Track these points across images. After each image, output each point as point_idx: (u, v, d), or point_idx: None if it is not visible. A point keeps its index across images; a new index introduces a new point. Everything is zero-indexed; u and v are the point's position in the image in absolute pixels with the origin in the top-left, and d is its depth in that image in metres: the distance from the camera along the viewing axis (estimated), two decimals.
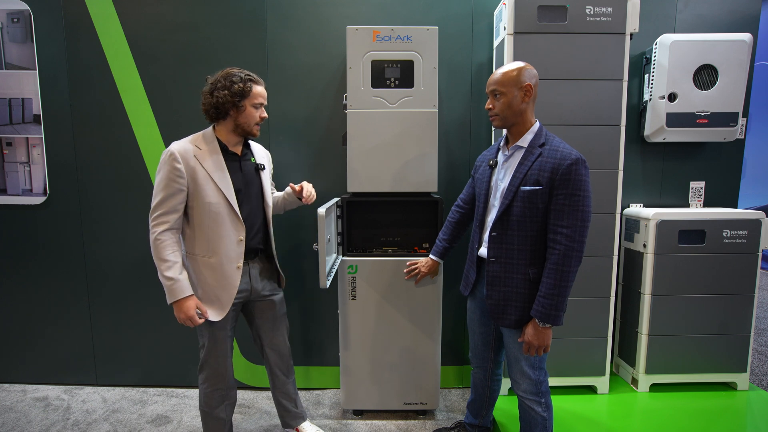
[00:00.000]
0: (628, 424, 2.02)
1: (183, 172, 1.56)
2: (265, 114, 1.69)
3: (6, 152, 2.40)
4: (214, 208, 1.60)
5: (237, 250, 1.66)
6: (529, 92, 1.48)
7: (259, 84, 1.65)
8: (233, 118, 1.63)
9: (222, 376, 1.75)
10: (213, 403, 1.76)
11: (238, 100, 1.60)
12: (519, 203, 1.48)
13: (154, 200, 1.57)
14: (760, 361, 2.92)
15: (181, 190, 1.57)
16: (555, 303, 1.42)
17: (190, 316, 1.58)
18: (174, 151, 1.57)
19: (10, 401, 2.39)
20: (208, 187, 1.59)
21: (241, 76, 1.61)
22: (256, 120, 1.66)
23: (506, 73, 1.49)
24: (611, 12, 2.01)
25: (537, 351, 1.49)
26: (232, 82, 1.59)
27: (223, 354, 1.73)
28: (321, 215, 1.66)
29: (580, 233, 1.41)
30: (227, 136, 1.67)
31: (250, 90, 1.61)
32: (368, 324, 2.13)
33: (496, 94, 1.51)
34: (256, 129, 1.68)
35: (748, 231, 2.18)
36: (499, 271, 1.55)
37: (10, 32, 2.32)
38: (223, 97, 1.58)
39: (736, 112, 2.24)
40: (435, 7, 2.31)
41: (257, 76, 1.67)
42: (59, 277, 2.47)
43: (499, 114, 1.52)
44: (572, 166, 1.40)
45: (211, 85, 1.62)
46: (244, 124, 1.65)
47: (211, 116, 1.64)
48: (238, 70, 1.63)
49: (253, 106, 1.63)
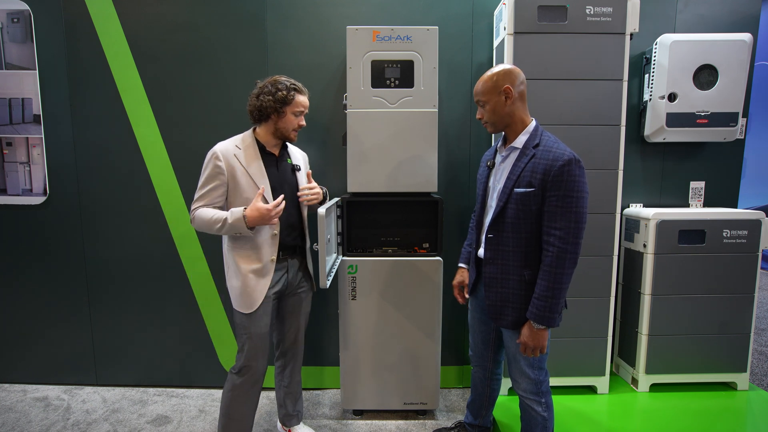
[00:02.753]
0: (628, 424, 2.03)
1: (223, 169, 1.67)
2: (303, 122, 1.78)
3: (6, 152, 2.40)
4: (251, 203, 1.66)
5: (271, 244, 1.73)
6: (509, 94, 1.48)
7: (302, 94, 1.75)
8: (274, 122, 1.73)
9: (258, 382, 1.79)
10: (243, 409, 1.77)
11: (280, 106, 1.69)
12: (513, 205, 1.48)
13: (197, 194, 1.69)
14: (760, 361, 2.92)
15: (221, 185, 1.68)
16: (549, 305, 1.42)
17: (265, 211, 1.60)
18: (217, 150, 1.69)
19: (10, 401, 2.39)
20: (245, 183, 1.69)
21: (287, 84, 1.71)
22: (294, 126, 1.75)
23: (484, 82, 1.51)
24: (611, 12, 2.01)
25: (533, 352, 1.49)
26: (277, 89, 1.69)
27: (262, 353, 1.76)
28: (321, 215, 1.66)
29: (574, 235, 1.40)
30: (266, 138, 1.77)
31: (293, 98, 1.71)
32: (368, 324, 2.13)
33: (481, 103, 1.54)
34: (293, 134, 1.77)
35: (748, 231, 2.18)
36: (495, 272, 1.55)
37: (10, 32, 2.32)
38: (267, 102, 1.68)
39: (736, 112, 2.24)
40: (435, 7, 2.31)
41: (302, 86, 1.77)
42: (59, 277, 2.47)
43: (488, 121, 1.55)
44: (564, 167, 1.39)
45: (259, 89, 1.72)
46: (283, 129, 1.74)
47: (254, 118, 1.74)
48: (285, 78, 1.74)
49: (293, 114, 1.73)
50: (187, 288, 2.45)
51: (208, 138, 2.33)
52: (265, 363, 1.80)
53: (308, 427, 2.06)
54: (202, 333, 2.48)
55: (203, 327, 2.48)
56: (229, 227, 1.62)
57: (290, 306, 1.90)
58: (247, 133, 1.78)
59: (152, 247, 2.43)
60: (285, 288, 1.82)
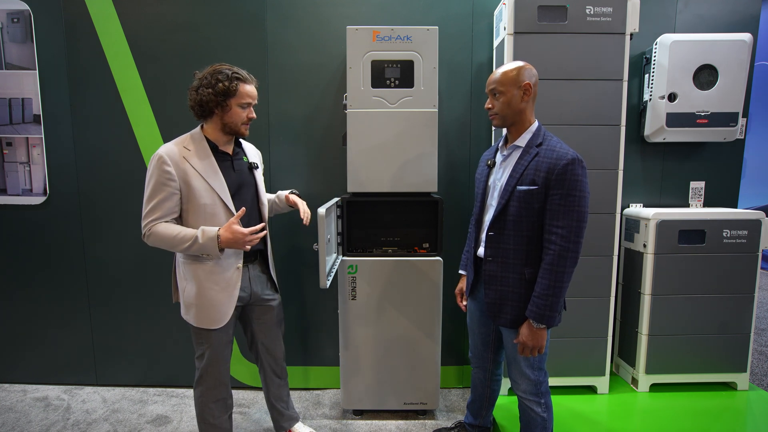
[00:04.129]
0: (628, 424, 2.02)
1: (174, 175, 1.51)
2: (253, 114, 1.62)
3: (6, 152, 2.40)
4: (209, 209, 1.56)
5: (236, 252, 1.61)
6: (528, 91, 1.48)
7: (247, 83, 1.57)
8: (219, 116, 1.57)
9: (224, 385, 1.71)
10: (216, 413, 1.70)
11: (223, 99, 1.53)
12: (515, 203, 1.48)
13: (147, 206, 1.51)
14: (760, 361, 2.92)
15: (174, 193, 1.52)
16: (549, 303, 1.42)
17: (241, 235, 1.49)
18: (162, 154, 1.51)
19: (10, 401, 2.39)
20: (201, 188, 1.54)
21: (228, 73, 1.53)
22: (243, 120, 1.59)
23: (505, 73, 1.49)
24: (611, 12, 2.00)
25: (531, 352, 1.49)
26: (217, 80, 1.52)
27: (225, 361, 1.69)
28: (321, 215, 1.65)
29: (576, 234, 1.40)
30: (216, 135, 1.61)
31: (236, 89, 1.53)
32: (368, 324, 2.13)
33: (496, 93, 1.51)
34: (243, 128, 1.62)
35: (748, 231, 2.18)
36: (495, 270, 1.55)
37: (10, 32, 2.32)
38: (207, 96, 1.52)
39: (736, 112, 2.24)
40: (435, 7, 2.31)
41: (247, 74, 1.59)
42: (59, 277, 2.47)
43: (498, 113, 1.52)
44: (568, 166, 1.39)
45: (198, 81, 1.55)
46: (231, 124, 1.58)
47: (197, 114, 1.58)
48: (227, 67, 1.56)
49: (239, 106, 1.56)
50: None
51: None
52: (228, 366, 1.72)
53: (307, 426, 2.05)
54: None
55: None
56: (199, 247, 1.48)
57: (262, 318, 1.79)
58: (195, 132, 1.61)
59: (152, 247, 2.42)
60: (249, 297, 1.72)
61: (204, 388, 1.69)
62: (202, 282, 1.58)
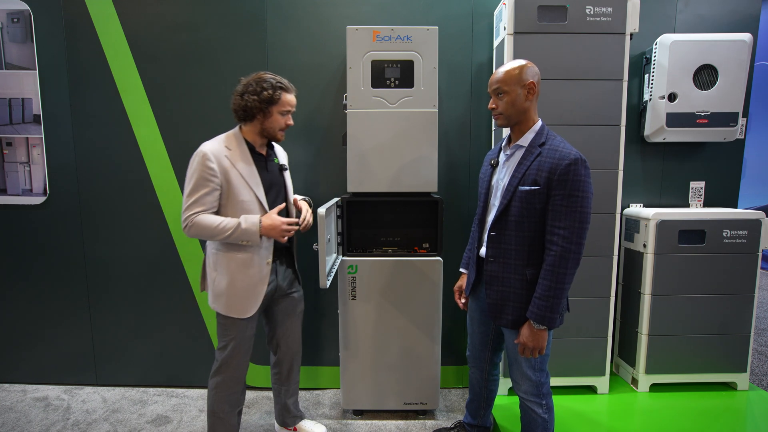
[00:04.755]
0: (628, 424, 2.03)
1: (217, 171, 1.59)
2: (291, 121, 1.72)
3: (6, 152, 2.40)
4: (246, 206, 1.64)
5: (267, 246, 1.70)
6: (532, 90, 1.47)
7: (289, 92, 1.68)
8: (260, 121, 1.67)
9: (240, 379, 1.77)
10: (227, 407, 1.75)
11: (266, 106, 1.63)
12: (517, 203, 1.47)
13: (189, 200, 1.58)
14: (760, 361, 2.92)
15: (216, 189, 1.60)
16: (550, 305, 1.41)
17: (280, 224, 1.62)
18: (206, 151, 1.59)
19: (10, 401, 2.39)
20: (240, 185, 1.63)
21: (272, 82, 1.64)
22: (281, 126, 1.70)
23: (509, 72, 1.47)
24: (611, 12, 2.01)
25: (532, 353, 1.48)
26: (262, 88, 1.62)
27: (246, 354, 1.75)
28: (321, 215, 1.66)
29: (578, 235, 1.39)
30: (253, 137, 1.71)
31: (279, 98, 1.64)
32: (368, 324, 2.13)
33: (500, 92, 1.49)
34: (280, 134, 1.72)
35: (748, 231, 2.18)
36: (497, 270, 1.55)
37: (10, 32, 2.32)
38: (252, 102, 1.62)
39: (736, 112, 2.24)
40: (435, 7, 2.31)
41: (289, 83, 1.69)
42: (59, 277, 2.47)
43: (503, 113, 1.51)
44: (570, 166, 1.38)
45: (243, 87, 1.65)
46: (270, 129, 1.69)
47: (239, 117, 1.68)
48: (271, 75, 1.66)
49: (279, 113, 1.67)
50: (187, 288, 2.45)
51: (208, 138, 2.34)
52: (247, 362, 1.78)
53: (311, 421, 2.07)
54: (202, 333, 2.48)
55: (203, 327, 2.48)
56: (240, 233, 1.58)
57: (284, 309, 1.87)
58: (235, 133, 1.71)
59: (152, 247, 2.43)
60: (275, 290, 1.80)
61: (220, 380, 1.73)
62: (234, 274, 1.66)
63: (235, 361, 1.72)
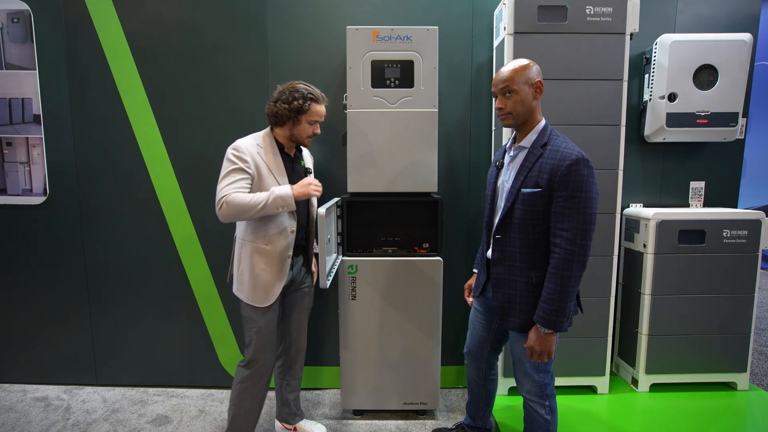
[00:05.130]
0: (628, 424, 2.02)
1: (250, 163, 1.69)
2: (318, 130, 1.80)
3: (6, 152, 2.40)
4: None
5: (289, 240, 1.78)
6: (539, 89, 1.46)
7: (319, 103, 1.76)
8: (289, 128, 1.76)
9: (268, 370, 1.83)
10: (250, 401, 1.81)
11: (296, 114, 1.72)
12: (520, 206, 1.45)
13: (222, 184, 1.65)
14: (760, 361, 2.92)
15: (247, 177, 1.68)
16: (556, 308, 1.38)
17: (309, 183, 1.72)
18: (240, 146, 1.70)
19: (10, 401, 2.39)
20: (269, 180, 1.72)
21: (303, 92, 1.71)
22: (309, 134, 1.78)
23: (516, 70, 1.45)
24: (611, 12, 2.01)
25: (540, 357, 1.45)
26: (294, 98, 1.70)
27: (271, 347, 1.81)
28: (321, 215, 1.66)
29: (582, 236, 1.36)
30: (283, 140, 1.81)
31: (309, 108, 1.72)
32: (368, 324, 2.13)
33: (508, 91, 1.46)
34: (307, 141, 1.81)
35: (748, 231, 2.18)
36: (503, 273, 1.54)
37: (10, 32, 2.32)
38: (283, 110, 1.71)
39: (736, 112, 2.24)
40: (435, 7, 2.31)
41: (320, 94, 1.77)
42: (59, 277, 2.47)
43: (511, 112, 1.47)
44: (572, 167, 1.36)
45: (278, 94, 1.75)
46: (298, 136, 1.78)
47: (271, 121, 1.78)
48: (304, 85, 1.74)
49: (308, 123, 1.75)
50: (187, 288, 2.45)
51: (208, 138, 2.36)
52: (274, 357, 1.85)
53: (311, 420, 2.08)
54: (202, 333, 2.48)
55: (203, 327, 2.48)
56: (275, 199, 1.64)
57: (293, 302, 1.94)
58: (266, 133, 1.80)
59: (152, 247, 2.43)
60: (290, 283, 1.86)
61: (246, 374, 1.79)
62: (257, 263, 1.74)
63: (261, 355, 1.78)
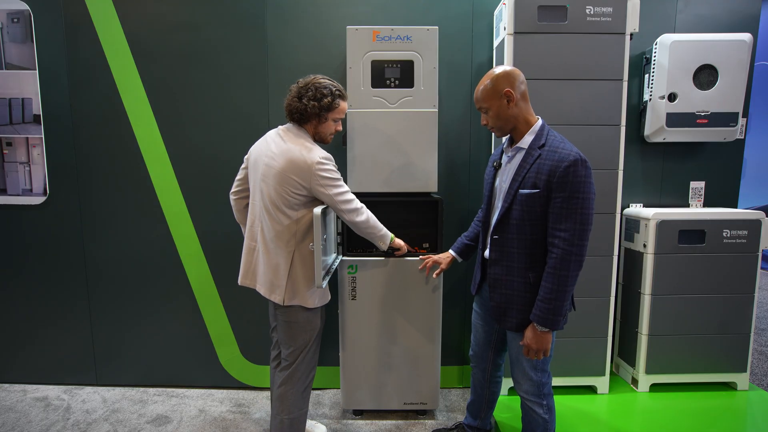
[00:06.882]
0: (628, 424, 2.02)
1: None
2: (340, 127, 1.79)
3: (6, 152, 2.40)
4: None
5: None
6: (512, 97, 1.46)
7: (344, 99, 1.75)
8: (314, 125, 1.73)
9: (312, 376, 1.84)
10: (300, 403, 1.80)
11: (324, 112, 1.69)
12: (518, 207, 1.46)
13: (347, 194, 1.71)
14: (760, 361, 2.92)
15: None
16: (553, 308, 1.40)
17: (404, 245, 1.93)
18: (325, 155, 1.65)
19: (10, 401, 2.39)
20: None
21: (331, 89, 1.68)
22: (332, 131, 1.77)
23: (483, 89, 1.49)
24: (611, 12, 2.00)
25: (536, 355, 1.48)
26: (322, 95, 1.66)
27: (318, 349, 1.83)
28: (317, 215, 1.65)
29: (580, 237, 1.37)
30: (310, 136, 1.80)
31: (337, 106, 1.71)
32: (368, 324, 2.13)
33: (483, 109, 1.52)
34: (329, 138, 1.79)
35: (748, 231, 2.18)
36: (500, 273, 1.55)
37: (10, 32, 2.32)
38: (312, 108, 1.66)
39: (736, 112, 2.24)
40: (435, 7, 2.31)
41: (345, 90, 1.75)
42: (59, 277, 2.47)
43: (494, 126, 1.53)
44: (569, 168, 1.36)
45: (301, 91, 1.68)
46: (322, 134, 1.75)
47: (294, 118, 1.72)
48: (328, 81, 1.70)
49: (333, 120, 1.74)
50: (187, 288, 2.45)
51: (208, 138, 2.36)
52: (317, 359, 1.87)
53: (311, 420, 2.06)
54: (202, 333, 2.48)
55: (203, 327, 2.48)
56: (383, 236, 1.82)
57: None
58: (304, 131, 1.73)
59: (152, 247, 2.43)
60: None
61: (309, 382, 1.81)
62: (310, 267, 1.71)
63: (316, 356, 1.81)
